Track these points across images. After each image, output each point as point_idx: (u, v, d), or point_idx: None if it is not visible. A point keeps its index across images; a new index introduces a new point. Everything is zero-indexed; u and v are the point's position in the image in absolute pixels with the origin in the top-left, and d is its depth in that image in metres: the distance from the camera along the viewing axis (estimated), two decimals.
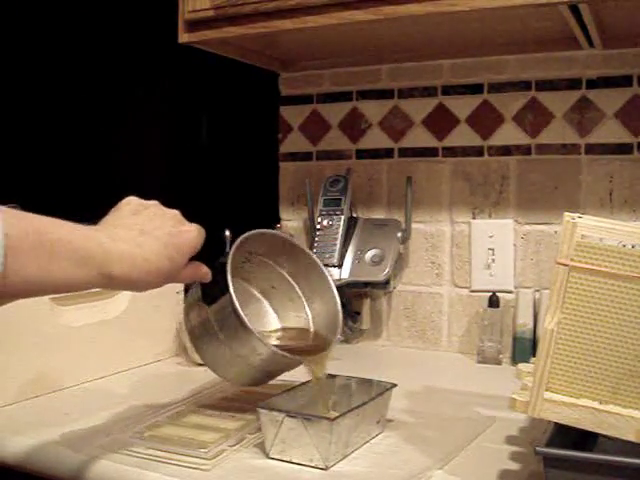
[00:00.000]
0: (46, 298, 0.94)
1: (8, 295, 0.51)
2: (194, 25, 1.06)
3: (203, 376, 1.04)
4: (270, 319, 0.88)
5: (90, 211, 0.65)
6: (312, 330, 0.85)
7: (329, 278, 0.85)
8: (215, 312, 0.76)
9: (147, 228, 0.64)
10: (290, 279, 0.87)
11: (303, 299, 0.87)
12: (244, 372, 0.79)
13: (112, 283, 0.59)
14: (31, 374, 0.92)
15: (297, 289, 0.87)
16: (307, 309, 0.87)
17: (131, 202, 0.68)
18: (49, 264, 0.53)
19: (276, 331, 0.87)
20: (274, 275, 0.87)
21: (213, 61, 1.24)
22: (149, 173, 0.68)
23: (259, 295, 0.89)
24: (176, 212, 0.69)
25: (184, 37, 1.08)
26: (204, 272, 0.72)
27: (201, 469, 0.68)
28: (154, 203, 0.69)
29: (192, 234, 0.68)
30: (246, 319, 0.72)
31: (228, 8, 1.01)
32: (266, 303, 0.89)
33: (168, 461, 0.69)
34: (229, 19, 1.03)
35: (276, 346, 0.76)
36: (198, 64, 1.42)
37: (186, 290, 1.20)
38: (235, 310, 0.72)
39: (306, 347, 0.83)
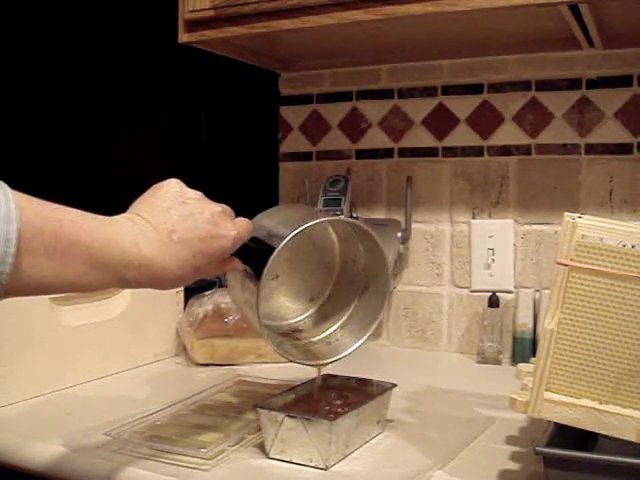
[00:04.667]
0: (46, 298, 0.94)
1: (15, 294, 0.49)
2: (194, 25, 1.06)
3: (203, 376, 1.04)
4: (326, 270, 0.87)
5: (90, 210, 0.65)
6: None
7: (391, 282, 0.83)
8: (244, 288, 0.75)
9: (178, 229, 0.59)
10: (357, 260, 0.85)
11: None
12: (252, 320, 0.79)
13: (126, 286, 0.58)
14: (31, 374, 0.92)
15: (360, 270, 0.85)
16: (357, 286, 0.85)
17: (171, 190, 0.62)
18: (62, 267, 0.51)
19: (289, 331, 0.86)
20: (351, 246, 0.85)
21: (213, 61, 1.24)
22: (149, 173, 0.67)
23: (336, 241, 0.87)
24: (216, 209, 0.63)
25: (184, 37, 1.08)
26: (233, 267, 0.68)
27: (201, 469, 0.68)
28: (195, 197, 0.63)
29: (226, 240, 0.62)
30: (265, 330, 0.72)
31: (228, 8, 1.01)
32: (337, 251, 0.87)
33: (168, 461, 0.69)
34: (229, 19, 1.03)
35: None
36: (198, 64, 1.42)
37: (187, 290, 1.20)
38: (256, 307, 0.71)
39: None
